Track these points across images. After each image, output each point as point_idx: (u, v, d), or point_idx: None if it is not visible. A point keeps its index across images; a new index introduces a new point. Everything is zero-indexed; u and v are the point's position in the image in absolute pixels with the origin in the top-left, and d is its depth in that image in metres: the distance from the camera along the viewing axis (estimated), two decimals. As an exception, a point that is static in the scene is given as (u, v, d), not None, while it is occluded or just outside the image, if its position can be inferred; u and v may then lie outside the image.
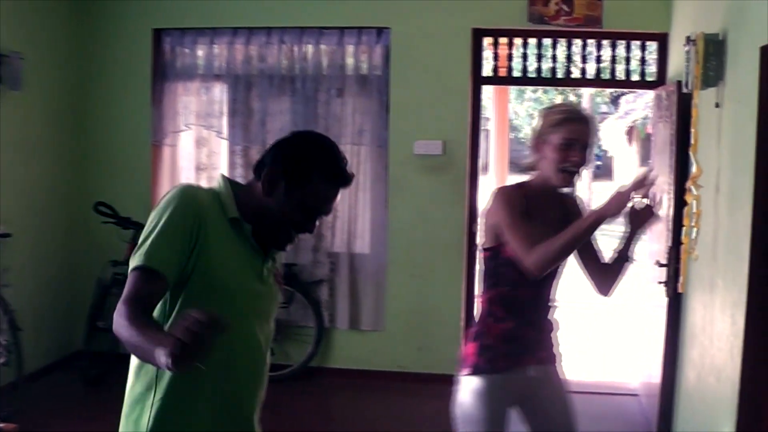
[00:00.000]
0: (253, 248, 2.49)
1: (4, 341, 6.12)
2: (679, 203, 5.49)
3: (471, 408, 3.40)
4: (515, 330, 3.40)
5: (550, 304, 3.52)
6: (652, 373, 6.19)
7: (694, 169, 4.59)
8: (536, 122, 3.46)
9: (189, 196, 2.39)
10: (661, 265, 5.72)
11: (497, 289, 3.41)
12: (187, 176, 7.67)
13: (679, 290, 5.15)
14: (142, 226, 7.19)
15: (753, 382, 3.58)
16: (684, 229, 4.81)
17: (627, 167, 30.53)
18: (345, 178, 2.49)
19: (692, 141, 4.69)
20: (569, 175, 3.33)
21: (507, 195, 3.38)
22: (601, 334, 9.64)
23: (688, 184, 4.65)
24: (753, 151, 3.74)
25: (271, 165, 2.47)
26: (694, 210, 4.58)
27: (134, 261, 2.29)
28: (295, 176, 2.45)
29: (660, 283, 5.72)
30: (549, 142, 3.33)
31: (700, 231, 4.63)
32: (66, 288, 7.51)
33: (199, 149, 7.57)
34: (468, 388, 3.41)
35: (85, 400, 6.69)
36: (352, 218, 7.39)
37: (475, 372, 3.40)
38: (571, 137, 3.29)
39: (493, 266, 3.41)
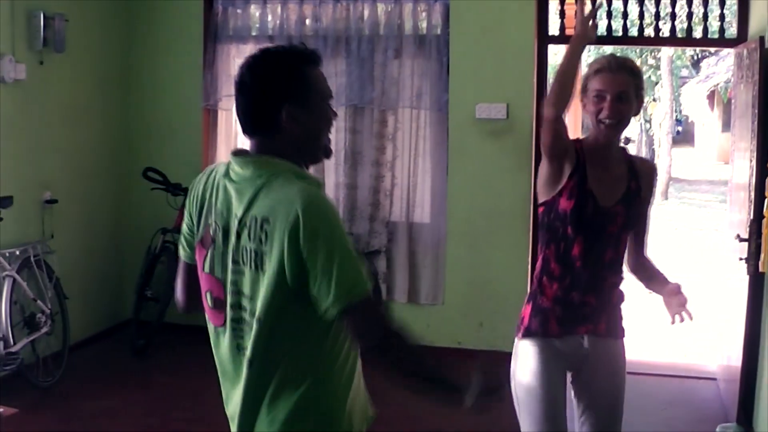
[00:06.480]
0: None
1: (48, 310, 6.00)
2: (763, 171, 5.13)
3: (525, 374, 3.32)
4: (571, 291, 3.30)
5: (612, 270, 3.35)
6: (732, 356, 5.81)
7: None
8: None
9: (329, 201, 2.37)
10: (742, 240, 5.32)
11: (552, 246, 3.31)
12: (242, 141, 7.44)
13: (761, 269, 4.73)
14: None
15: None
16: (767, 201, 4.39)
17: (708, 133, 29.77)
18: (313, 52, 2.43)
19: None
20: (607, 127, 3.23)
21: None
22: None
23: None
24: None
25: (278, 107, 2.32)
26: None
27: (358, 293, 2.24)
28: (300, 90, 2.36)
29: (741, 259, 5.31)
30: (587, 93, 3.26)
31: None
32: (114, 256, 7.40)
33: (253, 113, 7.29)
34: (521, 353, 3.34)
35: (131, 369, 6.60)
36: (411, 186, 7.09)
37: (526, 335, 3.33)
38: (602, 88, 3.21)
39: (547, 221, 3.33)
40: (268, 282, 2.24)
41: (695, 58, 25.42)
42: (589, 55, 20.95)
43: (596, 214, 3.24)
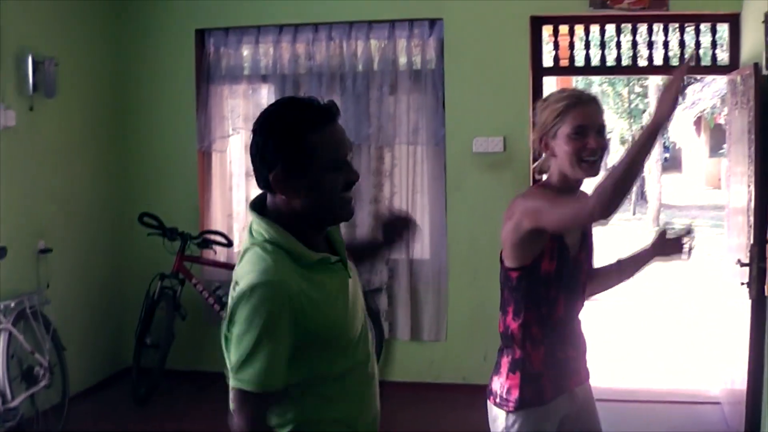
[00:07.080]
0: (334, 262, 2.42)
1: (46, 362, 5.86)
2: (761, 196, 5.16)
3: None
4: (556, 351, 3.11)
5: (580, 319, 3.24)
6: (736, 380, 5.79)
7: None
8: (537, 117, 3.08)
9: (274, 293, 2.23)
10: (743, 265, 5.31)
11: (533, 311, 3.07)
12: (237, 183, 7.41)
13: (767, 293, 4.68)
14: (190, 237, 6.99)
15: None
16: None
17: (696, 158, 29.85)
18: (326, 110, 2.31)
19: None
20: (590, 164, 2.96)
21: (533, 191, 3.14)
22: (680, 338, 9.17)
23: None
24: None
25: (267, 174, 2.30)
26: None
27: (245, 384, 2.22)
28: (294, 157, 2.27)
29: (742, 284, 5.30)
30: (557, 135, 2.98)
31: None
32: (112, 303, 7.27)
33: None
34: (516, 425, 3.08)
35: (134, 418, 6.47)
36: (410, 221, 7.00)
37: (520, 407, 3.06)
38: (583, 123, 2.93)
39: (525, 286, 3.06)
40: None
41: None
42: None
43: (573, 269, 3.10)
